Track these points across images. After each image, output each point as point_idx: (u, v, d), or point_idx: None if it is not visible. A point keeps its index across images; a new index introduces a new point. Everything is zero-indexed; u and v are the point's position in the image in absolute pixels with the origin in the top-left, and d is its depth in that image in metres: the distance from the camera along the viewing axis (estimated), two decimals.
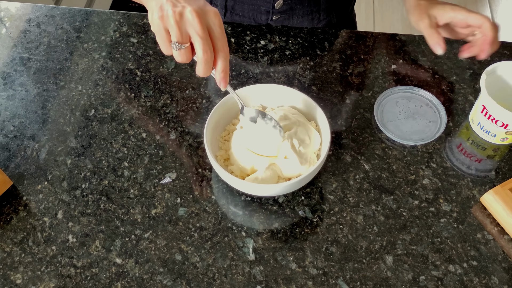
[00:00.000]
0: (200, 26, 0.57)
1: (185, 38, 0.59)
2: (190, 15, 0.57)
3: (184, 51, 0.59)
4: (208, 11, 0.58)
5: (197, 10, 0.57)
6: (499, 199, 0.68)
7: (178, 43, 0.59)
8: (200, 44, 0.58)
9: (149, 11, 0.60)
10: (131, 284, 0.65)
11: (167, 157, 0.76)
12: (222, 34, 0.59)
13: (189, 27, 0.58)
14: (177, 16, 0.57)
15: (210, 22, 0.59)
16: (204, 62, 0.59)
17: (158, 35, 0.60)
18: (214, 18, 0.59)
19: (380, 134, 0.78)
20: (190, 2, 0.58)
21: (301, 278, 0.65)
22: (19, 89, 0.85)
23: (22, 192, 0.73)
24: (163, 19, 0.58)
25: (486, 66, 0.74)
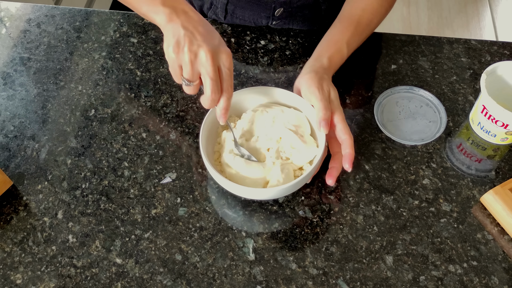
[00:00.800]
0: (212, 68, 0.61)
1: (196, 76, 0.63)
2: (204, 56, 0.60)
3: (192, 87, 0.64)
4: (221, 52, 0.62)
5: (211, 51, 0.61)
6: (499, 199, 0.68)
7: (188, 81, 0.63)
8: (210, 85, 0.62)
9: (165, 40, 0.63)
10: (131, 284, 0.65)
11: (167, 157, 0.76)
12: (230, 76, 0.63)
13: (201, 67, 0.61)
14: (192, 56, 0.61)
15: (221, 63, 0.62)
16: (211, 100, 0.63)
17: (171, 68, 0.64)
18: (225, 60, 0.62)
19: (380, 134, 0.78)
20: (206, 40, 0.62)
21: (301, 278, 0.65)
22: (19, 89, 0.85)
23: (22, 192, 0.73)
24: (178, 56, 0.61)
25: (486, 66, 0.74)
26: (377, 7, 0.80)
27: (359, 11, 0.79)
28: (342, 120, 0.68)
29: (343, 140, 0.67)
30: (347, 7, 0.82)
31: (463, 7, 2.27)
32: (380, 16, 0.81)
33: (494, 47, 0.88)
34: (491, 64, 0.74)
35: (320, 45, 0.78)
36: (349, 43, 0.77)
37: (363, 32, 0.80)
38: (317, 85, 0.69)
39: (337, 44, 0.76)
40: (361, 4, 0.80)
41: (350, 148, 0.66)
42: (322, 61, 0.74)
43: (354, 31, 0.78)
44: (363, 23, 0.79)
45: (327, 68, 0.74)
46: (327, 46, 0.77)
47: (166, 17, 0.64)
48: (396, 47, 0.88)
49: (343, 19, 0.80)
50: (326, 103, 0.67)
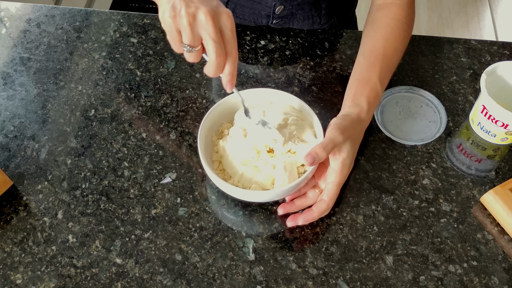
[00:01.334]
0: (213, 29, 0.56)
1: (197, 41, 0.58)
2: (203, 17, 0.56)
3: (195, 53, 0.59)
4: (221, 13, 0.58)
5: (211, 12, 0.56)
6: (499, 199, 0.68)
7: (189, 46, 0.58)
8: (213, 47, 0.57)
9: (160, 8, 0.59)
10: (131, 284, 0.65)
11: (167, 157, 0.76)
12: (233, 38, 0.59)
13: (201, 30, 0.57)
14: (190, 18, 0.56)
15: (222, 25, 0.58)
16: (216, 65, 0.58)
17: (169, 35, 0.59)
18: (226, 20, 0.58)
19: (380, 134, 0.77)
20: (204, 2, 0.57)
21: (301, 278, 0.65)
22: (19, 89, 0.85)
23: (22, 192, 0.73)
24: (175, 20, 0.57)
25: (486, 66, 0.74)
26: (399, 33, 0.75)
27: (381, 41, 0.74)
28: (336, 184, 0.65)
29: (321, 200, 0.65)
30: (368, 39, 0.76)
31: (463, 7, 2.27)
32: (404, 41, 0.76)
33: (494, 47, 0.88)
34: (491, 64, 0.74)
35: (353, 86, 0.72)
36: (381, 78, 0.72)
37: (391, 63, 0.75)
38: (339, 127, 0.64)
39: (369, 82, 0.71)
40: (381, 33, 0.75)
41: (318, 212, 0.65)
42: (361, 105, 0.69)
43: (383, 64, 0.73)
44: (389, 54, 0.74)
45: (366, 111, 0.69)
46: (360, 86, 0.71)
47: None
48: None
49: (368, 53, 0.74)
50: (330, 145, 0.63)
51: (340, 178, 0.65)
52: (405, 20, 0.76)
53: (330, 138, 0.63)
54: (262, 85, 0.83)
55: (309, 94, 0.82)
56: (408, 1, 0.77)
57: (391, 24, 0.75)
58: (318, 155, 0.62)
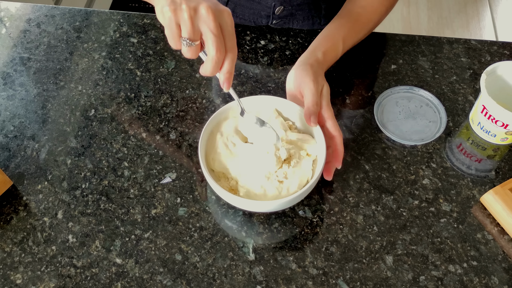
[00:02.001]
0: (214, 24, 0.56)
1: (197, 35, 0.57)
2: (204, 11, 0.56)
3: (194, 47, 0.58)
4: (222, 10, 0.58)
5: (212, 7, 0.56)
6: (499, 199, 0.68)
7: (189, 40, 0.57)
8: (214, 42, 0.56)
9: (157, 5, 0.58)
10: (131, 284, 0.65)
11: (167, 157, 0.76)
12: (233, 35, 0.59)
13: (202, 24, 0.57)
14: (191, 11, 0.56)
15: (222, 21, 0.57)
16: (215, 61, 0.57)
17: (168, 29, 0.58)
18: (227, 17, 0.58)
19: (380, 134, 0.77)
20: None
21: (301, 278, 0.65)
22: (19, 89, 0.85)
23: (22, 192, 0.73)
24: (176, 13, 0.56)
25: (486, 66, 0.74)
26: (378, 6, 0.80)
27: (358, 8, 0.79)
28: (331, 117, 0.68)
29: (332, 137, 0.68)
30: (348, 4, 0.81)
31: (463, 7, 2.27)
32: (380, 15, 0.81)
33: (494, 47, 0.88)
34: (491, 64, 0.74)
35: (316, 40, 0.77)
36: (345, 39, 0.77)
37: (361, 30, 0.79)
38: (311, 77, 0.69)
39: (333, 39, 0.76)
40: (361, 2, 0.80)
41: (339, 145, 0.67)
42: (317, 55, 0.74)
43: (352, 28, 0.77)
44: (361, 21, 0.79)
45: (321, 62, 0.74)
46: (323, 41, 0.76)
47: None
48: (396, 47, 0.88)
49: (342, 15, 0.80)
50: (317, 98, 0.67)
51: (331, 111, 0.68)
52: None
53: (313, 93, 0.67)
54: (262, 85, 0.83)
55: None
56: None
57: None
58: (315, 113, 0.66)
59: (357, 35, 0.79)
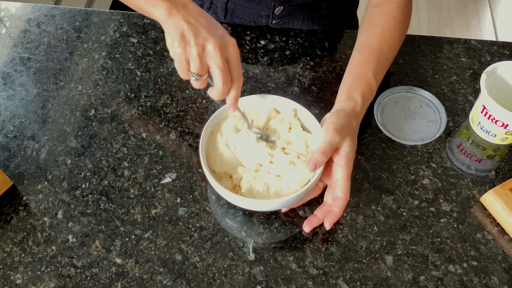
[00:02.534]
0: (220, 60, 0.60)
1: (205, 70, 0.62)
2: (212, 49, 0.59)
3: (202, 81, 0.63)
4: (228, 43, 0.61)
5: (219, 43, 0.60)
6: (499, 199, 0.68)
7: (197, 75, 0.62)
8: (220, 76, 0.61)
9: (168, 35, 0.61)
10: (131, 284, 0.65)
11: (167, 157, 0.76)
12: (239, 65, 0.63)
13: (210, 60, 0.60)
14: (199, 49, 0.60)
15: (229, 54, 0.61)
16: (221, 92, 0.62)
17: (178, 63, 0.62)
18: (232, 50, 0.62)
19: (380, 134, 0.77)
20: (211, 32, 0.60)
21: (301, 278, 0.65)
22: (19, 89, 0.85)
23: (22, 192, 0.73)
24: (185, 50, 0.60)
25: (486, 66, 0.74)
26: (395, 30, 0.76)
27: (377, 38, 0.75)
28: (346, 178, 0.64)
29: (337, 198, 0.65)
30: (364, 36, 0.77)
31: (463, 7, 2.27)
32: (399, 38, 0.77)
33: (494, 47, 0.88)
34: (491, 64, 0.74)
35: (347, 81, 0.72)
36: (376, 74, 0.73)
37: (386, 60, 0.75)
38: (335, 126, 0.65)
39: (364, 78, 0.72)
40: (377, 31, 0.75)
41: (339, 209, 0.64)
42: (356, 100, 0.69)
43: (378, 61, 0.73)
44: (384, 51, 0.74)
45: (361, 105, 0.70)
46: (355, 82, 0.71)
47: (165, 11, 0.62)
48: None
49: (363, 49, 0.75)
50: (329, 148, 0.64)
51: (347, 171, 0.65)
52: (401, 18, 0.77)
53: (327, 142, 0.64)
54: (262, 85, 0.83)
55: (309, 94, 0.82)
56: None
57: (387, 22, 0.76)
58: (318, 161, 0.63)
59: (384, 67, 0.75)
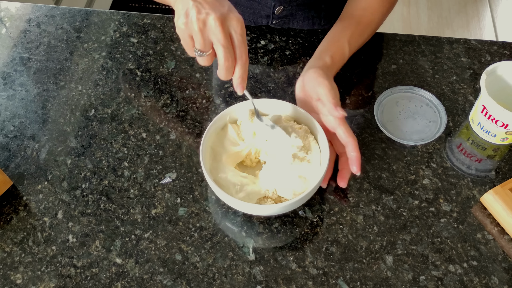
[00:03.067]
0: (222, 34, 0.59)
1: (208, 45, 0.61)
2: (213, 23, 0.59)
3: (207, 57, 0.62)
4: (231, 18, 0.60)
5: (220, 18, 0.59)
6: (499, 199, 0.68)
7: (200, 51, 0.61)
8: (222, 52, 0.60)
9: (176, 14, 0.62)
10: (131, 284, 0.65)
11: (167, 157, 0.76)
12: (243, 42, 0.61)
13: (211, 35, 0.60)
14: (200, 24, 0.59)
15: (232, 30, 0.60)
16: (226, 69, 0.61)
17: (182, 40, 0.62)
18: (236, 25, 0.60)
19: (380, 134, 0.77)
20: (215, 8, 0.60)
21: (301, 278, 0.65)
22: (19, 89, 0.85)
23: (22, 192, 0.73)
24: (187, 26, 0.60)
25: (486, 66, 0.74)
26: (378, 7, 0.80)
27: (359, 10, 0.80)
28: (343, 122, 0.67)
29: (347, 143, 0.67)
30: (348, 7, 0.82)
31: (463, 7, 2.27)
32: (381, 15, 0.81)
33: (494, 47, 0.88)
34: (491, 64, 0.74)
35: (322, 44, 0.78)
36: (351, 42, 0.77)
37: (365, 31, 0.80)
38: (325, 77, 0.69)
39: (338, 42, 0.76)
40: (361, 4, 0.80)
41: (355, 151, 0.66)
42: (325, 60, 0.74)
43: (355, 30, 0.78)
44: (363, 22, 0.79)
45: (329, 66, 0.74)
46: (328, 45, 0.77)
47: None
48: (396, 47, 0.88)
49: (344, 18, 0.80)
50: (335, 93, 0.68)
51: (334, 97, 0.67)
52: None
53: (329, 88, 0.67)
54: (262, 85, 0.83)
55: None
56: None
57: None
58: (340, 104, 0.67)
59: (361, 37, 0.79)
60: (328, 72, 0.72)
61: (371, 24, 0.80)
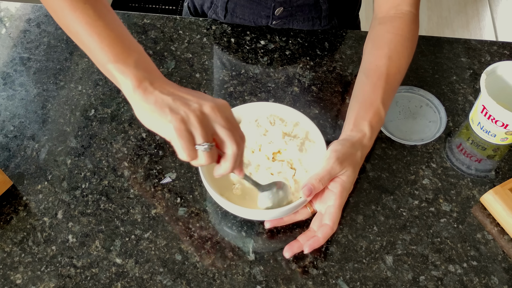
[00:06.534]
0: (224, 120, 0.54)
1: (211, 136, 0.55)
2: (211, 111, 0.54)
3: (211, 152, 0.55)
4: (222, 104, 0.56)
5: (215, 106, 0.54)
6: (499, 199, 0.68)
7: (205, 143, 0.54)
8: (231, 136, 0.55)
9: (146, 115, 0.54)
10: (131, 284, 0.65)
11: (167, 157, 0.76)
12: (238, 124, 0.58)
13: (213, 123, 0.54)
14: (199, 114, 0.53)
15: (227, 115, 0.56)
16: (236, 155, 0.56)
17: (180, 139, 0.53)
18: (227, 110, 0.56)
19: (380, 134, 0.77)
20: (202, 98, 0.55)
21: (301, 278, 0.65)
22: (19, 89, 0.85)
23: (22, 192, 0.73)
24: (184, 121, 0.52)
25: (486, 66, 0.74)
26: (402, 50, 0.71)
27: (384, 60, 0.70)
28: (337, 207, 0.62)
29: (324, 225, 0.63)
30: (370, 57, 0.73)
31: (463, 7, 2.27)
32: (407, 59, 0.73)
33: (494, 47, 0.88)
34: (491, 64, 0.74)
35: (354, 109, 0.69)
36: (384, 101, 0.68)
37: (394, 83, 0.71)
38: (338, 156, 0.62)
39: (373, 106, 0.68)
40: (384, 51, 0.71)
41: (323, 236, 0.62)
42: (364, 130, 0.66)
43: (386, 86, 0.69)
44: (392, 74, 0.70)
45: (369, 137, 0.66)
46: (363, 110, 0.68)
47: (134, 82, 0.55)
48: None
49: (370, 72, 0.71)
50: (327, 176, 0.62)
51: (340, 201, 0.63)
52: (408, 36, 0.72)
53: (327, 170, 0.62)
54: (262, 85, 0.83)
55: (309, 94, 0.82)
56: (412, 15, 0.73)
57: (394, 41, 0.72)
58: (314, 187, 0.61)
59: (393, 91, 0.71)
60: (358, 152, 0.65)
61: (400, 72, 0.71)
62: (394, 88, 0.71)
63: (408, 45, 0.72)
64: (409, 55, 0.73)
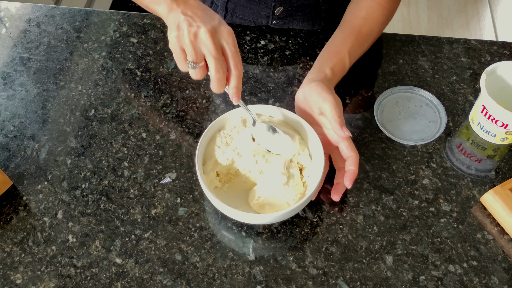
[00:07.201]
0: (213, 46, 0.60)
1: (200, 57, 0.62)
2: (204, 36, 0.60)
3: (199, 69, 0.63)
4: (221, 31, 0.62)
5: (211, 30, 0.60)
6: (499, 199, 0.68)
7: (193, 63, 0.62)
8: (213, 64, 0.61)
9: (168, 28, 0.64)
10: (131, 284, 0.65)
11: (167, 157, 0.76)
12: (236, 53, 0.62)
13: (203, 47, 0.61)
14: (191, 37, 0.61)
15: (223, 42, 0.62)
16: (217, 81, 0.62)
17: (174, 53, 0.63)
18: (227, 37, 0.62)
19: (380, 134, 0.78)
20: (205, 22, 0.61)
21: (301, 278, 0.65)
22: (19, 89, 0.85)
23: (22, 192, 0.73)
24: (179, 39, 0.61)
25: (486, 66, 0.74)
26: (378, 16, 0.79)
27: (360, 20, 0.78)
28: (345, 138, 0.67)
29: (349, 157, 0.66)
30: (348, 16, 0.80)
31: (463, 7, 2.27)
32: (381, 25, 0.80)
33: (494, 47, 0.88)
34: (491, 64, 0.74)
35: (322, 55, 0.76)
36: (351, 53, 0.76)
37: (365, 42, 0.78)
38: (328, 91, 0.67)
39: (338, 54, 0.75)
40: (362, 13, 0.79)
41: (354, 165, 0.65)
42: (325, 72, 0.73)
43: (355, 41, 0.77)
44: (364, 33, 0.78)
45: (330, 79, 0.72)
46: (329, 56, 0.75)
47: (167, 7, 0.64)
48: (396, 47, 0.88)
49: (344, 28, 0.79)
50: (340, 110, 0.67)
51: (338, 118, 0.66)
52: (387, 6, 0.80)
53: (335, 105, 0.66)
54: (262, 85, 0.83)
55: None
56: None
57: (372, 7, 0.79)
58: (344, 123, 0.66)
59: (361, 48, 0.78)
60: (330, 85, 0.71)
61: (371, 34, 0.79)
62: (363, 45, 0.79)
63: (385, 13, 0.80)
64: (383, 22, 0.80)
